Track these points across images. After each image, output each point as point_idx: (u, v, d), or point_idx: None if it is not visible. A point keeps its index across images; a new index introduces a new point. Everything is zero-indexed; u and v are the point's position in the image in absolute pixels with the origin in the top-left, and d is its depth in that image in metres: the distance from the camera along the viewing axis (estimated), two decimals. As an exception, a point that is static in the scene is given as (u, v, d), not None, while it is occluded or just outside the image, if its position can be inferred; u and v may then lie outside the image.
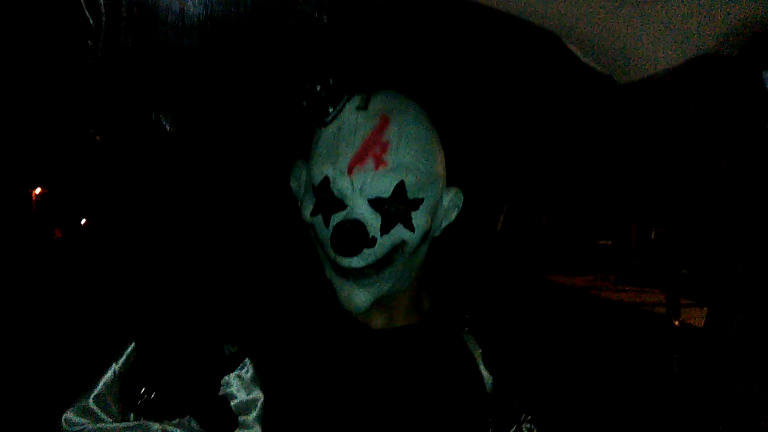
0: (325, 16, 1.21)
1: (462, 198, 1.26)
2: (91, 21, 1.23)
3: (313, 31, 1.24)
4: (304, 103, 1.17)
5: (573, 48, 1.13)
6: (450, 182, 1.25)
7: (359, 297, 1.17)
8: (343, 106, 1.17)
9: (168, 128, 1.38)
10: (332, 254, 1.15)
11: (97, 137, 1.58)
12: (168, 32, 1.23)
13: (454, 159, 1.24)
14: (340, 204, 1.15)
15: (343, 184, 1.13)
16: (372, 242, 1.13)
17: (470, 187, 1.26)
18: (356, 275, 1.15)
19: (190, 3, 1.25)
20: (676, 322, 2.06)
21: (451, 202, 1.25)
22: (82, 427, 1.06)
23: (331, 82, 1.16)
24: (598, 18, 1.04)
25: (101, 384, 1.10)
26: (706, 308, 1.19)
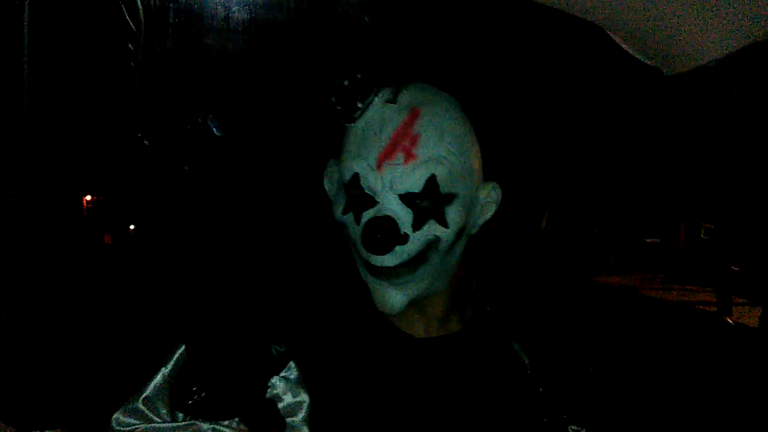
0: (366, 17, 1.21)
1: (500, 193, 1.20)
2: (132, 26, 1.25)
3: (354, 31, 1.23)
4: (333, 99, 1.14)
5: (619, 40, 1.10)
6: (491, 178, 1.20)
7: (394, 297, 1.14)
8: (372, 100, 1.14)
9: (215, 131, 1.40)
10: (364, 253, 1.12)
11: (145, 141, 1.61)
12: (213, 37, 1.24)
13: (496, 154, 1.20)
14: (371, 200, 1.11)
15: (372, 180, 1.10)
16: (404, 239, 1.09)
17: (512, 183, 1.22)
18: (389, 274, 1.12)
19: (235, 8, 1.26)
20: (730, 321, 2.00)
21: (488, 197, 1.19)
22: (133, 427, 1.08)
23: (359, 76, 1.13)
24: (644, 8, 1.02)
25: (150, 387, 1.11)
26: (759, 308, 1.15)
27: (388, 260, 1.10)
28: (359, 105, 1.14)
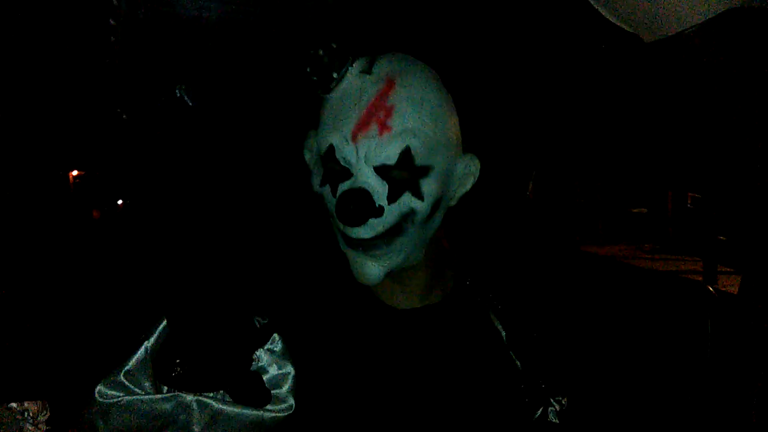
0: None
1: (478, 165, 1.19)
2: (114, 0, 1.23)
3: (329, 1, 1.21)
4: (308, 70, 1.13)
5: (598, 6, 1.10)
6: (472, 149, 1.19)
7: (371, 269, 1.14)
8: (347, 70, 1.13)
9: (190, 102, 1.38)
10: (341, 225, 1.12)
11: (124, 116, 1.59)
12: (187, 6, 1.22)
13: (477, 124, 1.20)
14: (346, 173, 1.11)
15: (347, 152, 1.09)
16: (379, 211, 1.09)
17: (494, 153, 1.22)
18: (366, 246, 1.12)
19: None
20: (712, 289, 2.02)
21: (466, 170, 1.18)
22: (117, 398, 1.08)
23: (334, 46, 1.12)
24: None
25: (132, 360, 1.11)
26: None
27: (364, 232, 1.11)
28: (335, 75, 1.12)
